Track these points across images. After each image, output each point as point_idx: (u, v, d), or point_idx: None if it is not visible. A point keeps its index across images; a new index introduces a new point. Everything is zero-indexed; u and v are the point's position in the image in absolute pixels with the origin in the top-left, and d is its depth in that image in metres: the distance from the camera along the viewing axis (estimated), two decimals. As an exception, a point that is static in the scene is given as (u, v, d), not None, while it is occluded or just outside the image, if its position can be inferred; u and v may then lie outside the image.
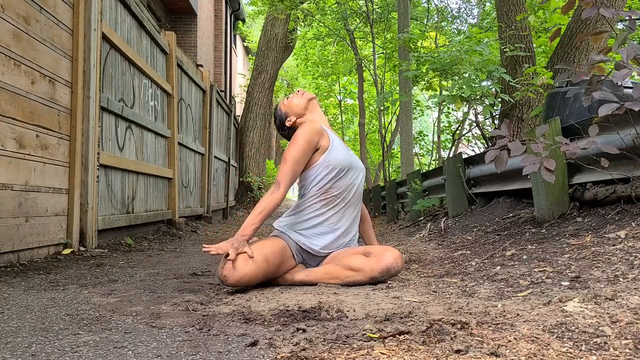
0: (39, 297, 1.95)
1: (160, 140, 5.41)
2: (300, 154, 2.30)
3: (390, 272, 2.24)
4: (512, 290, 1.80)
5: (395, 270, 2.25)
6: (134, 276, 2.56)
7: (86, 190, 3.50)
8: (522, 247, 2.68)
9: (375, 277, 2.23)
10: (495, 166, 2.55)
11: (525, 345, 1.14)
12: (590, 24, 5.29)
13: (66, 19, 3.36)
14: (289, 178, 2.27)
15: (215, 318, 1.59)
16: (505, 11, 6.23)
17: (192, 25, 11.52)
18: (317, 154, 2.36)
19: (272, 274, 2.23)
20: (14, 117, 2.74)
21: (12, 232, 2.72)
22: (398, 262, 2.26)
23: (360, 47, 16.39)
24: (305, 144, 2.31)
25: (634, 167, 2.70)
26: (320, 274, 2.26)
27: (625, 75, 2.28)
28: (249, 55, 22.42)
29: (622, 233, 2.26)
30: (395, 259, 2.26)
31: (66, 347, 1.29)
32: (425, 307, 1.62)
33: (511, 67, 6.02)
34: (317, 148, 2.36)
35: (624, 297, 1.40)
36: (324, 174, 2.35)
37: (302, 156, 2.31)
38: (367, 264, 2.22)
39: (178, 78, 6.06)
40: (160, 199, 5.40)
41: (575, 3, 2.59)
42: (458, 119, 11.34)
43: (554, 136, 2.83)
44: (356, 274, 2.22)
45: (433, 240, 4.12)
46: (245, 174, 11.41)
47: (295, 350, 1.20)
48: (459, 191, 5.33)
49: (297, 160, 2.29)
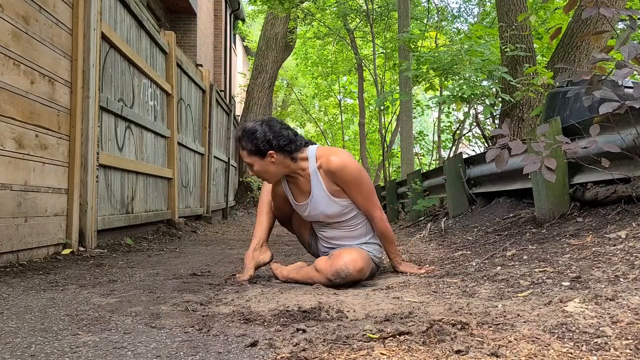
0: (38, 297, 1.94)
1: (160, 140, 5.41)
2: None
3: (340, 275, 2.12)
4: (513, 290, 1.79)
5: (345, 274, 2.12)
6: (133, 276, 2.56)
7: (85, 191, 3.49)
8: (523, 247, 2.68)
9: (330, 280, 2.15)
10: (496, 165, 2.55)
11: (525, 346, 1.14)
12: (590, 23, 5.28)
13: (65, 18, 3.35)
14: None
15: (215, 318, 1.59)
16: (505, 11, 6.23)
17: (192, 25, 11.52)
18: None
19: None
20: (14, 117, 2.73)
21: (11, 232, 2.72)
22: (349, 265, 2.13)
23: (360, 46, 16.39)
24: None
25: (634, 167, 2.69)
26: (303, 273, 2.33)
27: (626, 75, 2.27)
28: (248, 55, 22.42)
29: (622, 233, 2.26)
30: (345, 262, 2.14)
31: (65, 348, 1.29)
32: (426, 307, 1.62)
33: (512, 66, 6.02)
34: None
35: (625, 298, 1.40)
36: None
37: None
38: (324, 266, 2.20)
39: (178, 78, 6.05)
40: (160, 199, 5.39)
41: (577, 2, 2.59)
42: (458, 118, 11.34)
43: (554, 136, 2.83)
44: (318, 275, 2.22)
45: (433, 241, 4.12)
46: (245, 174, 11.41)
47: (295, 351, 1.19)
48: (459, 191, 5.32)
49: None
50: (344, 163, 2.29)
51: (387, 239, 2.47)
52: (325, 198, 2.33)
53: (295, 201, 2.43)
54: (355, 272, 2.14)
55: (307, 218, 2.47)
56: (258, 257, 2.49)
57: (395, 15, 12.41)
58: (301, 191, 2.40)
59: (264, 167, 2.31)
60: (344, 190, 2.32)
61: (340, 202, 2.34)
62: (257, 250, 2.50)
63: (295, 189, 2.43)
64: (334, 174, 2.29)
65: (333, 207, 2.34)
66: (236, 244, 4.73)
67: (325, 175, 2.32)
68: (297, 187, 2.41)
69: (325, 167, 2.30)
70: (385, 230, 2.43)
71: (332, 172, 2.28)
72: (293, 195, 2.44)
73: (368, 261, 2.28)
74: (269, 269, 2.62)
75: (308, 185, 2.36)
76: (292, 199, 2.45)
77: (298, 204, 2.43)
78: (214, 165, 8.21)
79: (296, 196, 2.43)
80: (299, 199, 2.42)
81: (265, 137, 2.27)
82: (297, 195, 2.43)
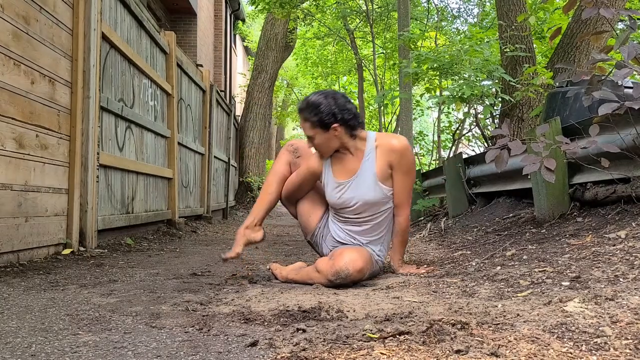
0: (38, 297, 1.95)
1: (160, 140, 5.41)
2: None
3: (341, 275, 2.11)
4: (513, 290, 1.79)
5: (345, 274, 2.11)
6: (133, 276, 2.56)
7: (86, 191, 3.49)
8: (523, 247, 2.68)
9: (331, 281, 2.13)
10: (496, 166, 2.55)
11: (525, 346, 1.14)
12: (590, 24, 5.29)
13: (66, 18, 3.36)
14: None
15: (215, 318, 1.59)
16: (505, 11, 6.23)
17: (192, 25, 11.51)
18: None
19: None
20: (14, 117, 2.73)
21: (11, 232, 2.72)
22: (349, 266, 2.11)
23: (360, 46, 16.38)
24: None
25: (634, 167, 2.69)
26: (303, 273, 2.32)
27: (625, 75, 2.28)
28: (248, 55, 22.42)
29: (622, 233, 2.26)
30: (345, 263, 2.12)
31: (66, 348, 1.29)
32: (426, 307, 1.62)
33: (511, 67, 6.02)
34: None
35: (624, 297, 1.40)
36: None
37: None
38: (325, 267, 2.18)
39: (178, 78, 6.05)
40: (160, 199, 5.39)
41: (576, 3, 2.59)
42: (458, 119, 11.34)
43: (554, 136, 2.83)
44: (319, 276, 2.20)
45: (433, 241, 4.12)
46: (245, 174, 11.41)
47: (295, 351, 1.20)
48: (459, 191, 5.33)
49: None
50: (407, 147, 2.37)
51: (404, 238, 2.51)
52: (371, 179, 2.32)
53: (336, 178, 2.37)
54: (355, 272, 2.14)
55: (337, 201, 2.38)
56: (250, 234, 2.47)
57: (395, 15, 12.40)
58: (346, 169, 2.37)
59: (326, 140, 2.30)
60: (391, 176, 2.34)
61: (383, 188, 2.34)
62: (250, 228, 2.48)
63: (339, 166, 2.38)
64: (395, 152, 2.31)
65: (375, 191, 2.33)
66: (236, 244, 4.73)
67: (381, 155, 2.32)
68: (342, 164, 2.37)
69: (386, 146, 2.32)
70: (406, 229, 2.48)
71: (394, 150, 2.31)
72: (333, 173, 2.39)
73: (368, 261, 2.27)
74: (267, 269, 2.62)
75: (356, 164, 2.35)
76: (332, 176, 2.39)
77: (338, 181, 2.37)
78: (214, 165, 8.21)
79: (338, 174, 2.38)
80: (340, 176, 2.37)
81: (330, 110, 2.25)
82: (339, 172, 2.38)
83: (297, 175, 2.50)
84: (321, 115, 2.25)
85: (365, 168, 2.34)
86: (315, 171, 2.44)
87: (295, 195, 2.57)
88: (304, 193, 2.55)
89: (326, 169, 2.43)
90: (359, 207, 2.38)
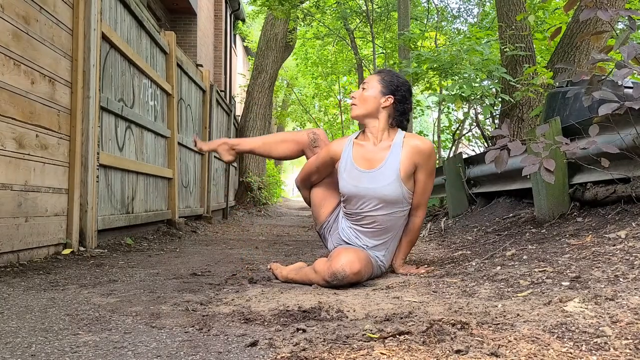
0: (38, 297, 1.95)
1: (160, 140, 5.41)
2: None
3: (337, 277, 2.09)
4: (513, 290, 1.79)
5: (342, 276, 2.09)
6: (133, 276, 2.56)
7: (86, 190, 3.49)
8: (523, 247, 2.68)
9: (327, 282, 2.13)
10: (496, 166, 2.55)
11: (525, 346, 1.14)
12: (590, 24, 5.29)
13: (66, 18, 3.36)
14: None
15: (215, 318, 1.59)
16: (505, 11, 6.23)
17: (192, 25, 11.51)
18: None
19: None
20: (14, 117, 2.74)
21: (11, 232, 2.72)
22: (345, 267, 2.09)
23: (360, 46, 16.38)
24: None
25: (634, 167, 2.69)
26: (302, 274, 2.32)
27: (625, 75, 2.28)
28: (248, 55, 22.41)
29: (622, 233, 2.26)
30: (342, 264, 2.10)
31: (66, 347, 1.29)
32: (426, 307, 1.62)
33: (511, 67, 6.02)
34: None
35: (624, 297, 1.40)
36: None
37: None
38: (322, 268, 2.18)
39: (178, 78, 6.05)
40: (160, 199, 5.40)
41: (576, 2, 2.59)
42: (458, 118, 11.33)
43: (554, 136, 2.83)
44: (316, 276, 2.20)
45: (433, 241, 4.12)
46: (245, 174, 11.41)
47: (295, 351, 1.20)
48: (459, 191, 5.33)
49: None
50: (434, 149, 2.43)
51: (413, 238, 2.53)
52: (394, 173, 2.32)
53: (356, 164, 2.37)
54: (352, 274, 2.12)
55: (351, 190, 2.35)
56: (224, 150, 2.69)
57: (395, 15, 12.41)
58: (368, 159, 2.37)
59: (372, 99, 2.37)
60: (414, 177, 2.38)
61: (403, 187, 2.34)
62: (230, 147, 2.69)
63: (363, 155, 2.38)
64: (422, 153, 2.35)
65: (394, 188, 2.32)
66: (236, 243, 4.73)
67: (407, 154, 2.34)
68: (364, 153, 2.38)
69: (414, 146, 2.35)
70: (418, 230, 2.51)
71: (422, 152, 2.35)
72: (354, 159, 2.38)
73: (367, 263, 2.25)
74: (267, 269, 2.62)
75: (381, 156, 2.35)
76: (352, 162, 2.37)
77: (359, 170, 2.35)
78: (214, 165, 8.21)
79: (360, 162, 2.37)
80: (363, 165, 2.37)
81: (399, 88, 2.38)
82: (361, 161, 2.37)
83: (316, 159, 2.52)
84: (391, 82, 2.38)
85: (390, 162, 2.34)
86: (335, 155, 2.43)
87: (310, 179, 2.56)
88: (320, 179, 2.55)
89: (346, 154, 2.40)
90: (373, 201, 2.34)
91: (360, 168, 2.36)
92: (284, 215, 11.78)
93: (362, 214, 2.38)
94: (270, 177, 13.51)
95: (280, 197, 18.20)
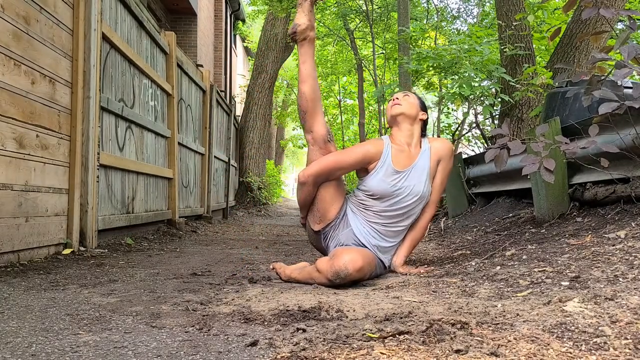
0: (39, 297, 1.95)
1: (160, 140, 5.41)
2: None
3: (340, 275, 2.12)
4: (512, 290, 1.80)
5: (344, 274, 2.12)
6: (134, 276, 2.56)
7: (86, 190, 3.50)
8: (522, 247, 2.68)
9: (330, 281, 2.14)
10: (495, 165, 2.55)
11: (525, 345, 1.14)
12: (589, 24, 5.29)
13: (66, 19, 3.36)
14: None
15: (215, 318, 1.59)
16: (504, 11, 6.23)
17: (192, 25, 11.52)
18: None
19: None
20: (14, 117, 2.74)
21: (12, 232, 2.72)
22: (348, 265, 2.12)
23: (360, 47, 16.39)
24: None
25: (633, 167, 2.70)
26: (305, 273, 2.34)
27: (625, 75, 2.28)
28: (248, 55, 22.40)
29: (621, 233, 2.26)
30: (344, 262, 2.13)
31: (66, 347, 1.29)
32: (425, 307, 1.62)
33: (511, 66, 6.02)
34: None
35: (624, 297, 1.40)
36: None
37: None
38: (324, 267, 2.19)
39: (178, 78, 6.05)
40: (160, 199, 5.40)
41: (576, 2, 2.59)
42: (458, 119, 11.34)
43: (553, 136, 2.83)
44: (319, 275, 2.21)
45: (433, 240, 4.13)
46: (245, 174, 11.41)
47: (295, 350, 1.20)
48: (458, 191, 5.33)
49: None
50: (453, 148, 2.76)
51: (420, 237, 2.66)
52: (425, 172, 2.58)
53: (395, 167, 2.55)
54: (354, 272, 2.14)
55: (388, 188, 2.51)
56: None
57: (395, 15, 12.41)
58: (404, 161, 2.58)
59: (414, 107, 2.68)
60: (436, 172, 2.64)
61: (429, 185, 2.61)
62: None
63: (399, 157, 2.59)
64: (445, 151, 2.65)
65: (424, 184, 2.57)
66: (236, 243, 4.74)
67: (433, 154, 2.64)
68: (402, 156, 2.59)
69: (438, 145, 2.65)
70: (425, 228, 2.67)
71: (445, 150, 2.65)
72: (393, 161, 2.57)
73: (369, 260, 2.27)
74: (270, 269, 2.62)
75: (414, 157, 2.62)
76: (391, 164, 2.55)
77: (396, 170, 2.54)
78: (215, 165, 8.21)
79: (397, 163, 2.57)
80: (400, 166, 2.56)
81: (426, 109, 2.79)
82: (398, 162, 2.58)
83: (348, 156, 2.56)
84: (424, 103, 2.78)
85: (422, 162, 2.60)
86: (373, 156, 2.57)
87: (334, 174, 2.54)
88: (339, 176, 2.59)
89: (385, 157, 2.57)
90: (408, 197, 2.53)
91: (398, 169, 2.57)
92: (284, 215, 11.78)
93: (393, 211, 2.54)
94: (270, 177, 13.51)
95: (280, 197, 18.20)
